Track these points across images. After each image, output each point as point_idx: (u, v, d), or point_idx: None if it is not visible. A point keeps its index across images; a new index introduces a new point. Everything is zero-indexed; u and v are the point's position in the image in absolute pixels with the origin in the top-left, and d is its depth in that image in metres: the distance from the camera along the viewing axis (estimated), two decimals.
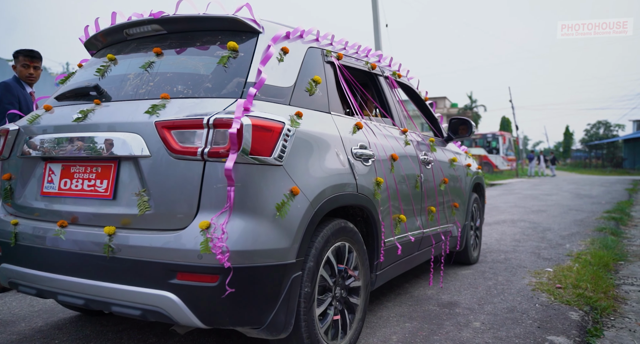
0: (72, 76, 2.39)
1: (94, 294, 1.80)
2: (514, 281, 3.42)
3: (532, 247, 4.75)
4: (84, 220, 1.87)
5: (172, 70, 2.02)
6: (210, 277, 1.61)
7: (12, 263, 2.05)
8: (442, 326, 2.48)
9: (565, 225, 6.31)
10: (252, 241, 1.66)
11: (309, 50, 2.23)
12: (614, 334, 2.46)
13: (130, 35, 2.24)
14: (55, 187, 1.97)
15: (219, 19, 2.05)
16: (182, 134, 1.69)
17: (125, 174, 1.80)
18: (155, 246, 1.68)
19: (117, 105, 1.95)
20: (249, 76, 1.85)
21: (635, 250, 4.75)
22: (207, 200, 1.66)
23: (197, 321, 1.65)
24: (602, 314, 2.73)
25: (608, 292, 3.10)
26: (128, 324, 2.55)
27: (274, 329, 1.74)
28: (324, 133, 2.06)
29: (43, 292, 1.98)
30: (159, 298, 1.65)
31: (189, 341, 2.29)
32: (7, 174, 2.14)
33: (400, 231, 2.58)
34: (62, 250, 1.86)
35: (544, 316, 2.65)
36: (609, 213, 7.42)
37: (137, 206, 1.73)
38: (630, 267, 4.01)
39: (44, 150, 1.99)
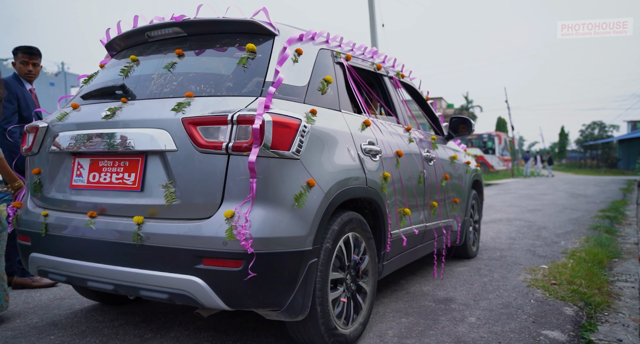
0: (94, 76, 2.52)
1: (123, 279, 1.92)
2: (509, 277, 3.44)
3: (528, 245, 4.77)
4: (113, 211, 1.99)
5: (194, 70, 2.14)
6: (234, 262, 1.73)
7: (42, 252, 2.18)
8: (437, 321, 2.49)
9: (560, 224, 6.34)
10: (273, 229, 1.78)
11: (320, 51, 2.36)
12: (607, 329, 2.48)
13: (151, 37, 2.36)
14: (84, 180, 2.10)
15: (238, 22, 2.18)
16: (207, 130, 1.81)
17: (152, 167, 1.92)
18: (182, 234, 1.79)
19: (143, 103, 2.07)
20: (267, 76, 1.97)
21: (629, 247, 4.78)
22: (231, 190, 1.77)
23: (222, 303, 1.77)
24: (596, 309, 2.75)
25: (602, 288, 3.12)
26: (124, 320, 2.55)
27: (292, 311, 1.86)
28: (336, 129, 2.19)
29: (73, 279, 2.11)
30: (186, 282, 1.77)
31: (187, 337, 2.29)
32: (36, 169, 2.26)
33: (405, 224, 2.70)
34: (92, 239, 1.98)
35: (538, 311, 2.66)
36: (604, 212, 7.47)
37: (164, 197, 1.85)
38: (624, 264, 4.04)
39: (73, 145, 2.10)
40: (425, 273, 3.60)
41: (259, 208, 1.76)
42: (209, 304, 1.79)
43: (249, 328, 2.40)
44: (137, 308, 2.76)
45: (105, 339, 2.27)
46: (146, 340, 2.25)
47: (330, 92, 2.30)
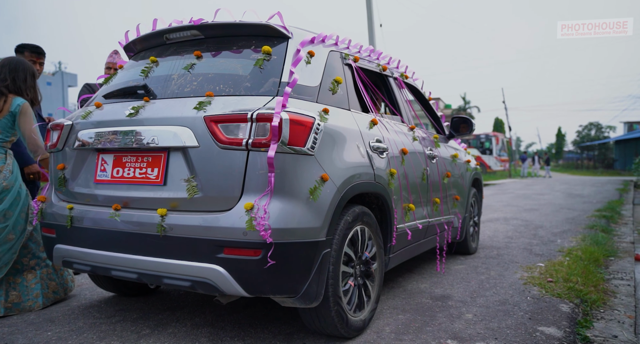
0: (114, 76, 2.62)
1: (147, 268, 2.03)
2: (506, 275, 3.46)
3: (525, 243, 4.79)
4: (136, 204, 2.10)
5: (213, 71, 2.25)
6: (253, 251, 1.84)
7: (67, 243, 2.28)
8: (434, 318, 2.50)
9: (557, 223, 6.37)
10: (290, 220, 1.89)
11: (330, 53, 2.47)
12: (603, 325, 2.50)
13: (169, 39, 2.47)
14: (108, 175, 2.20)
15: (253, 26, 2.29)
16: (227, 127, 1.91)
17: (175, 162, 2.02)
18: (204, 225, 1.90)
19: (164, 102, 2.17)
20: (283, 76, 2.08)
21: (626, 246, 4.81)
22: (250, 184, 1.88)
23: (242, 290, 1.88)
24: (592, 306, 2.77)
25: (598, 286, 3.14)
26: (121, 316, 2.55)
27: (307, 298, 1.96)
28: (346, 128, 2.30)
29: (97, 269, 2.21)
30: (208, 270, 1.88)
31: (184, 333, 2.29)
32: (60, 164, 2.36)
33: (410, 218, 2.82)
34: (116, 231, 2.09)
35: (535, 308, 2.68)
36: (600, 212, 7.50)
37: (186, 191, 1.96)
38: (620, 263, 4.06)
39: (97, 142, 2.21)
40: (423, 270, 3.61)
41: (277, 200, 1.87)
42: (230, 292, 1.89)
43: (247, 324, 2.40)
44: (135, 304, 2.76)
45: (102, 335, 2.27)
46: (143, 336, 2.25)
47: (340, 92, 2.41)
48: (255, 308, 2.66)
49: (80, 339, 2.22)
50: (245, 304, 2.73)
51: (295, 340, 2.19)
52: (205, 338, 2.22)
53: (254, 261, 1.83)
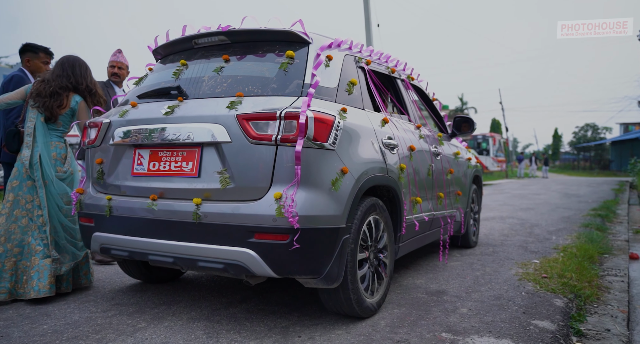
0: (144, 78, 2.83)
1: (183, 253, 2.21)
2: (501, 271, 3.48)
3: (520, 241, 4.82)
4: (172, 194, 2.27)
5: (241, 73, 2.45)
6: (282, 236, 2.02)
7: (105, 231, 2.47)
8: (429, 312, 2.52)
9: (552, 222, 6.40)
10: (315, 208, 2.07)
11: (345, 57, 2.67)
12: (596, 319, 2.52)
13: (198, 44, 2.67)
14: (144, 169, 2.38)
15: (277, 32, 2.50)
16: (257, 124, 2.10)
17: (208, 156, 2.20)
18: (237, 213, 2.08)
19: (197, 101, 2.35)
20: (305, 78, 2.28)
21: (620, 244, 4.84)
22: (279, 175, 2.07)
23: (271, 271, 2.06)
24: (585, 301, 2.79)
25: (592, 281, 3.16)
26: (117, 310, 2.55)
27: (329, 279, 2.15)
28: (361, 125, 2.48)
29: (134, 254, 2.39)
30: (240, 253, 2.06)
31: (180, 327, 2.30)
32: (99, 159, 2.55)
33: (417, 211, 3.03)
34: (153, 219, 2.27)
35: (529, 303, 2.70)
36: (596, 211, 7.54)
37: (219, 182, 2.15)
38: (615, 260, 4.09)
39: (134, 138, 2.38)
40: (419, 267, 3.62)
41: (303, 190, 2.06)
42: (260, 273, 2.07)
43: (243, 318, 2.41)
44: (131, 299, 2.76)
45: (98, 328, 2.27)
46: (139, 329, 2.26)
47: (355, 93, 2.61)
48: (252, 303, 2.67)
49: (76, 333, 2.22)
50: (241, 299, 2.74)
51: (290, 333, 2.20)
52: (201, 331, 2.23)
53: (282, 245, 2.02)
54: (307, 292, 2.89)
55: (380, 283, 2.57)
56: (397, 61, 3.44)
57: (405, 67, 3.59)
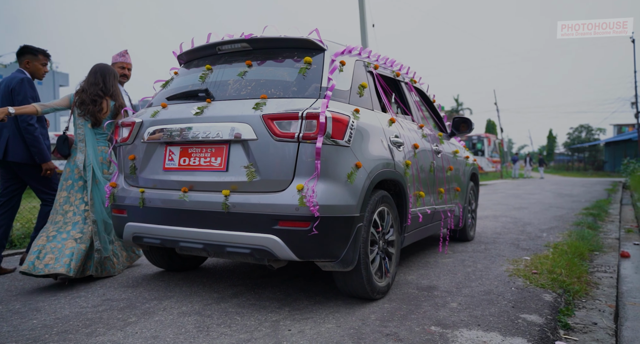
0: (170, 81, 3.06)
1: (212, 239, 2.42)
2: (492, 268, 3.50)
3: (512, 239, 4.85)
4: (201, 187, 2.48)
5: (263, 77, 2.67)
6: (304, 223, 2.24)
7: (138, 221, 2.68)
8: (420, 307, 2.53)
9: (545, 220, 6.44)
10: (332, 198, 2.29)
11: (356, 62, 2.91)
12: (584, 314, 2.54)
13: (221, 50, 2.90)
14: (175, 164, 2.59)
15: (295, 40, 2.72)
16: (281, 123, 2.32)
17: (235, 152, 2.41)
18: (262, 203, 2.29)
19: (224, 103, 2.57)
20: (322, 82, 2.51)
21: (611, 242, 4.88)
22: (300, 169, 2.28)
23: (293, 255, 2.27)
24: (574, 296, 2.82)
25: (581, 277, 3.19)
26: (108, 305, 2.55)
27: (344, 262, 2.37)
28: (372, 125, 2.70)
29: (166, 241, 2.59)
30: (265, 239, 2.27)
31: (171, 321, 2.30)
32: (132, 155, 2.76)
33: (420, 204, 3.26)
34: (184, 209, 2.48)
35: (519, 297, 2.72)
36: (588, 210, 7.60)
37: (246, 176, 2.36)
38: (605, 257, 4.13)
39: (166, 136, 2.59)
40: (410, 263, 3.64)
41: (322, 183, 2.28)
42: (283, 257, 2.28)
43: (234, 312, 2.42)
44: (122, 295, 2.76)
45: (88, 322, 2.27)
46: (129, 324, 2.26)
47: (365, 95, 2.83)
48: (243, 298, 2.68)
49: (66, 327, 2.22)
50: (233, 294, 2.75)
51: (281, 327, 2.21)
52: (191, 325, 2.23)
53: (304, 231, 2.23)
54: (299, 288, 2.90)
55: (387, 269, 2.79)
56: (401, 65, 3.68)
57: (409, 71, 3.84)
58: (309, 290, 2.85)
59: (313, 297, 2.70)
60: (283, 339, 2.06)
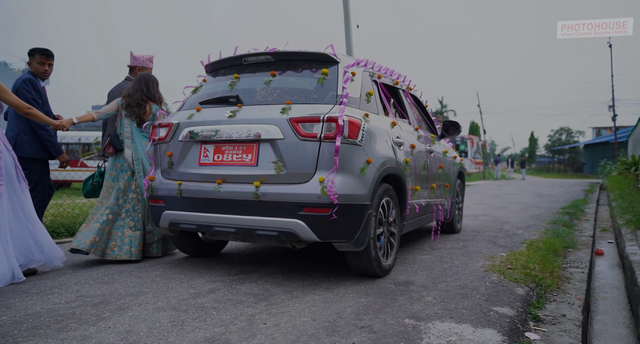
0: (200, 88, 3.42)
1: (244, 224, 2.80)
2: (469, 264, 3.56)
3: (490, 236, 4.94)
4: (234, 179, 2.86)
5: (286, 86, 3.05)
6: (324, 210, 2.64)
7: (175, 209, 3.05)
8: (395, 300, 2.56)
9: (523, 219, 6.57)
10: (348, 188, 2.69)
11: (363, 73, 3.32)
12: (554, 306, 2.61)
13: (246, 61, 3.30)
14: (210, 160, 2.97)
15: (313, 54, 3.15)
16: (305, 125, 2.73)
17: (264, 150, 2.81)
18: (289, 193, 2.69)
19: (253, 107, 2.96)
20: (338, 90, 2.92)
21: (585, 240, 5.01)
22: (321, 164, 2.69)
23: (315, 237, 2.66)
24: (546, 290, 2.89)
25: (554, 272, 3.27)
26: (81, 301, 2.52)
27: (357, 243, 2.77)
28: (378, 127, 3.11)
29: (201, 226, 2.97)
30: (292, 223, 2.67)
31: (146, 316, 2.28)
32: (169, 152, 3.14)
33: (416, 197, 3.69)
34: (219, 198, 2.87)
35: (492, 291, 2.77)
36: (565, 209, 7.78)
37: (274, 169, 2.76)
38: (578, 253, 4.24)
39: (201, 136, 2.97)
40: None
41: (340, 175, 2.68)
42: (306, 238, 2.67)
43: (210, 307, 2.41)
44: (97, 291, 2.72)
45: (60, 318, 2.24)
46: (102, 319, 2.23)
47: (372, 101, 3.26)
48: (220, 293, 2.67)
49: (36, 323, 2.18)
50: (210, 290, 2.74)
51: (256, 321, 2.21)
52: (166, 320, 2.22)
53: (324, 216, 2.63)
54: (277, 284, 2.91)
55: (391, 251, 3.21)
56: (399, 74, 4.13)
57: (405, 79, 4.30)
58: (287, 285, 2.86)
59: (291, 292, 2.71)
60: (258, 332, 2.06)
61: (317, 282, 2.94)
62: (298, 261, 3.60)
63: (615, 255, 4.95)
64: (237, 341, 1.96)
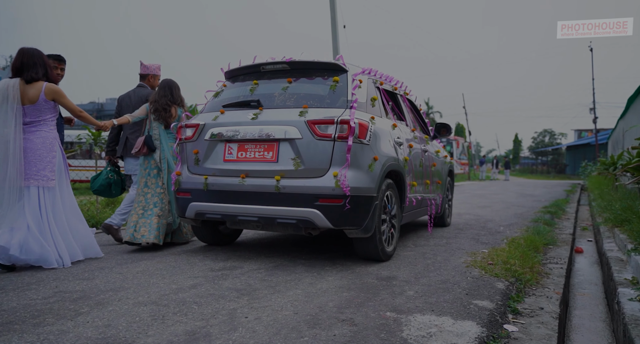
0: (221, 92, 3.81)
1: (265, 214, 3.18)
2: (451, 260, 3.60)
3: (473, 234, 5.00)
4: (256, 174, 3.21)
5: (302, 92, 3.45)
6: (338, 200, 3.01)
7: (201, 201, 3.39)
8: (377, 295, 2.58)
9: (505, 217, 6.67)
10: (359, 182, 3.08)
11: (368, 80, 3.71)
12: (533, 300, 2.66)
13: (264, 69, 3.68)
14: (234, 157, 3.33)
15: (326, 63, 3.54)
16: (321, 127, 3.11)
17: (284, 148, 3.18)
18: (306, 185, 3.06)
19: (273, 110, 3.34)
20: (348, 96, 3.31)
21: (565, 237, 5.11)
22: (335, 160, 3.07)
23: (329, 224, 3.04)
24: (525, 284, 2.94)
25: (534, 268, 3.33)
26: (59, 297, 2.47)
27: (366, 230, 3.16)
28: (382, 129, 3.50)
29: (226, 216, 3.33)
30: (309, 212, 3.05)
31: (125, 310, 2.25)
32: (195, 150, 3.48)
33: (414, 191, 4.09)
34: (243, 191, 3.22)
35: (473, 286, 2.81)
36: (546, 208, 7.91)
37: (293, 165, 3.13)
38: (558, 250, 4.32)
39: (226, 136, 3.34)
40: None
41: (351, 170, 3.07)
42: (322, 225, 3.06)
43: (192, 302, 2.39)
44: (76, 287, 2.68)
45: (37, 313, 2.20)
46: (81, 314, 2.20)
47: (376, 105, 3.66)
48: (202, 288, 2.65)
49: (11, 318, 2.14)
50: (192, 286, 2.72)
51: (238, 315, 2.21)
52: (146, 314, 2.20)
53: (338, 206, 3.02)
54: (260, 279, 2.90)
55: (392, 239, 3.59)
56: (397, 81, 4.56)
57: (402, 85, 4.70)
58: (269, 281, 2.85)
59: (274, 287, 2.71)
60: (239, 326, 2.06)
61: (300, 277, 2.95)
62: (281, 257, 3.59)
63: (594, 252, 5.06)
64: (217, 334, 1.95)
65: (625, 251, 3.91)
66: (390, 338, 1.94)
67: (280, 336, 1.95)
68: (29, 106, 3.26)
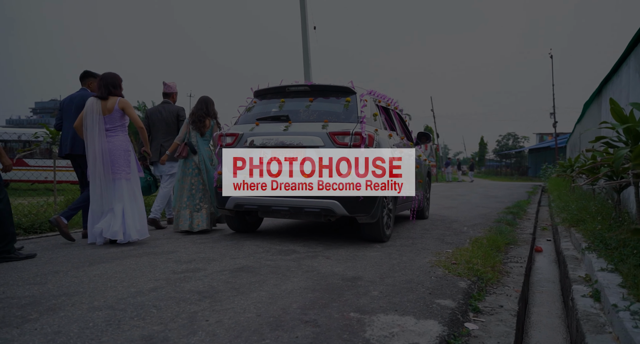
0: (252, 108, 4.76)
1: (295, 204, 4.07)
2: (416, 260, 3.64)
3: (439, 234, 5.08)
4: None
5: (322, 109, 4.43)
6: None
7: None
8: (342, 296, 2.57)
9: (470, 218, 6.84)
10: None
11: (371, 99, 4.73)
12: (493, 298, 2.72)
13: (289, 90, 4.65)
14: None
15: (340, 86, 4.53)
16: (339, 137, 4.03)
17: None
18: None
19: (299, 124, 4.29)
20: (358, 112, 4.31)
21: (525, 237, 5.28)
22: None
23: (346, 212, 3.99)
24: (487, 283, 3.00)
25: (495, 267, 3.41)
26: (6, 303, 2.33)
27: (373, 216, 4.09)
28: (383, 138, 4.45)
29: (261, 206, 4.20)
30: (330, 203, 3.99)
31: (78, 316, 2.14)
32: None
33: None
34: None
35: (436, 285, 2.85)
36: (509, 209, 8.17)
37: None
38: (518, 250, 4.45)
39: (261, 143, 4.22)
40: (339, 257, 3.69)
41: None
42: (340, 213, 3.99)
43: (150, 305, 2.31)
44: (26, 292, 2.54)
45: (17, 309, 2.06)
46: (29, 321, 2.07)
47: (377, 120, 4.69)
48: (162, 291, 2.57)
49: None
50: (151, 289, 2.63)
51: (198, 318, 2.14)
52: (100, 320, 2.10)
53: (354, 198, 3.96)
54: (223, 281, 2.84)
55: (389, 225, 4.56)
56: (390, 99, 5.61)
57: (393, 102, 5.75)
58: (233, 283, 2.79)
59: (237, 289, 2.65)
60: (199, 329, 1.99)
61: (265, 279, 2.90)
62: (246, 258, 3.54)
63: (553, 251, 5.26)
64: (176, 339, 1.89)
65: (580, 250, 4.08)
66: (353, 338, 1.93)
67: (241, 339, 1.90)
68: (107, 115, 4.12)
